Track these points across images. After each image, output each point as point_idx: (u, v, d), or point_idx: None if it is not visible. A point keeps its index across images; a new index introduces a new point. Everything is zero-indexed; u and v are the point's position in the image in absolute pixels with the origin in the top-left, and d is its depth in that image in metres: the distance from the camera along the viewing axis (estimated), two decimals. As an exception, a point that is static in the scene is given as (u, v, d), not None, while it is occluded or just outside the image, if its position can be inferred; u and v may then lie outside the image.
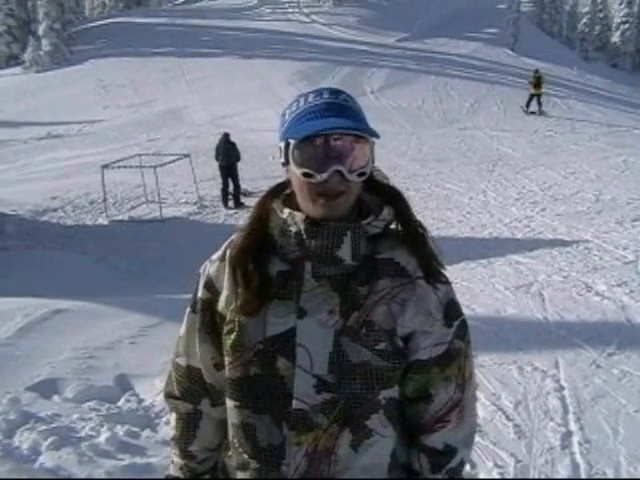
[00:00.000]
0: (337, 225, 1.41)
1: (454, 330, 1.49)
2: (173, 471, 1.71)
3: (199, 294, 1.59)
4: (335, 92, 1.45)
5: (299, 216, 1.43)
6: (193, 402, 1.65)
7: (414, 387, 1.50)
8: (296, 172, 1.40)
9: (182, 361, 1.65)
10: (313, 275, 1.43)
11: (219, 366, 1.56)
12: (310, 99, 1.44)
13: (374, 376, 1.41)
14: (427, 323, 1.46)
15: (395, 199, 1.51)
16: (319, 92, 1.45)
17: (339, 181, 1.38)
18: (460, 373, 1.51)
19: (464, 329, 1.52)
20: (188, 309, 1.63)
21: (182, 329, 1.65)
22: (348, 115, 1.40)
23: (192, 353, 1.62)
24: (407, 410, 1.53)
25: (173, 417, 1.70)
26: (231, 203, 13.99)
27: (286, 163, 1.43)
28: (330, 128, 1.37)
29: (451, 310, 1.49)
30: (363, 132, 1.40)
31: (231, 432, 1.53)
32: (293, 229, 1.44)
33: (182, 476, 1.67)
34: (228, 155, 14.04)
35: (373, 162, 1.45)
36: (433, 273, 1.47)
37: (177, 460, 1.69)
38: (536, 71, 25.56)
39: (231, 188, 14.08)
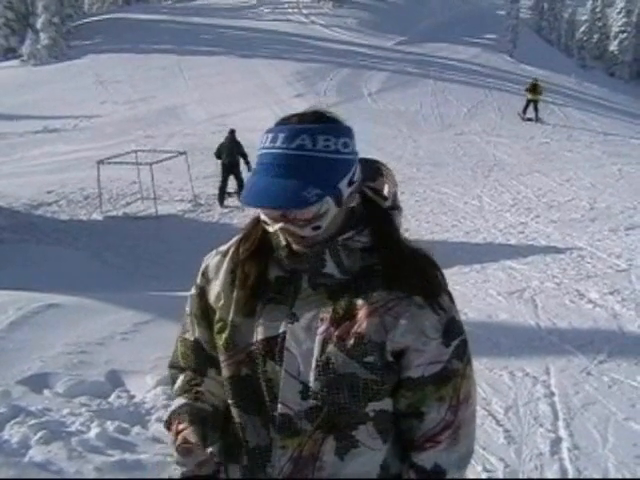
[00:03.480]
0: (312, 251, 1.41)
1: (452, 350, 1.44)
2: (170, 416, 1.50)
3: (197, 280, 1.61)
4: (292, 135, 1.34)
5: (280, 240, 1.45)
6: (199, 370, 1.61)
7: (406, 403, 1.47)
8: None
9: (189, 336, 1.63)
10: (310, 284, 1.44)
11: (216, 346, 1.54)
12: (268, 143, 1.37)
13: (360, 388, 1.39)
14: (419, 341, 1.41)
15: (375, 222, 1.47)
16: (274, 136, 1.36)
17: (294, 231, 1.38)
18: (455, 394, 1.46)
19: (463, 349, 1.47)
20: (192, 290, 1.64)
21: (187, 308, 1.65)
22: (292, 175, 1.32)
23: (195, 330, 1.63)
24: (400, 424, 1.50)
25: (177, 381, 1.61)
26: (228, 201, 14.00)
27: None
28: (261, 205, 1.35)
29: (451, 329, 1.44)
30: (293, 208, 1.33)
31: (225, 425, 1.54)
32: (283, 243, 1.44)
33: (186, 415, 1.47)
34: (232, 153, 13.96)
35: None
36: (431, 291, 1.44)
37: (179, 401, 1.53)
38: (535, 80, 25.61)
39: (232, 186, 14.07)
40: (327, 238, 1.41)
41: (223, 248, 1.59)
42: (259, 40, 38.13)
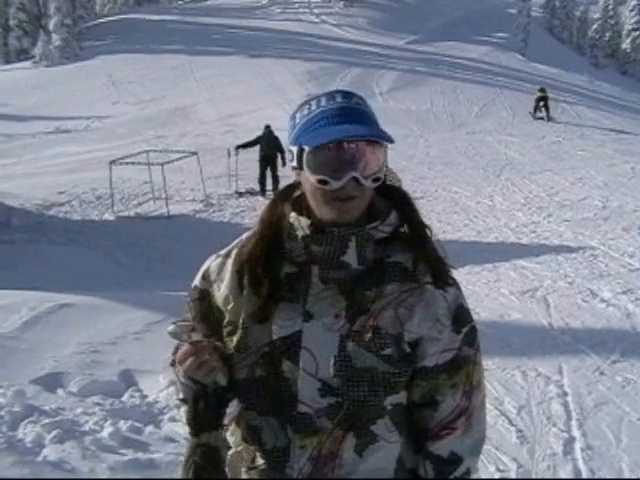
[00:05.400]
0: (341, 231, 1.40)
1: (462, 337, 1.46)
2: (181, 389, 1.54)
3: (195, 281, 1.60)
4: (347, 95, 1.43)
5: (304, 221, 1.43)
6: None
7: (421, 393, 1.48)
8: (310, 179, 1.39)
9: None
10: (320, 278, 1.43)
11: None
12: (323, 103, 1.41)
13: (380, 381, 1.40)
14: (435, 329, 1.43)
15: (402, 203, 1.50)
16: (332, 95, 1.43)
17: (354, 187, 1.37)
18: (468, 381, 1.48)
19: (473, 336, 1.49)
20: (192, 294, 1.62)
21: (187, 314, 1.64)
22: (362, 120, 1.38)
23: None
24: (413, 415, 1.51)
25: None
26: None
27: (299, 168, 1.42)
28: (346, 136, 1.35)
29: (460, 316, 1.46)
30: (378, 138, 1.38)
31: (239, 430, 1.53)
32: (299, 233, 1.43)
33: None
34: (269, 147, 14.38)
35: (386, 166, 1.44)
36: (442, 278, 1.45)
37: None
38: (542, 89, 25.42)
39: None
40: (356, 222, 1.42)
41: (225, 251, 1.59)
42: (270, 40, 38.19)
